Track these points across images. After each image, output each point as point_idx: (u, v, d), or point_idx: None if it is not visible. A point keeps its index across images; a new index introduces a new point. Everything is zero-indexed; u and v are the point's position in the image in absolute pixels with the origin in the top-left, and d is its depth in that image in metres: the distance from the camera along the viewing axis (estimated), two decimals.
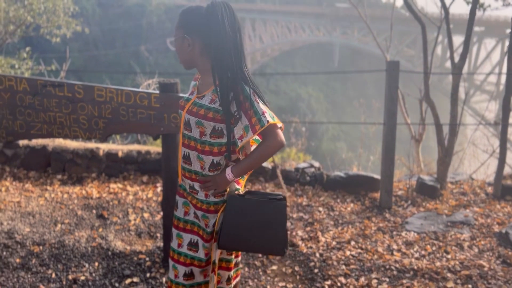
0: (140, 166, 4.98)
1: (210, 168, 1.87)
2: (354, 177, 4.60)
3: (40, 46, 22.38)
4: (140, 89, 3.18)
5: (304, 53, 60.86)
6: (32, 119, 3.33)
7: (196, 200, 1.95)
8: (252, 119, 1.73)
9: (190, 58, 1.87)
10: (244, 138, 1.76)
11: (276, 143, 1.76)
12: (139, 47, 54.61)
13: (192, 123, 1.84)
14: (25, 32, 9.54)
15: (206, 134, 1.83)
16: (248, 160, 1.82)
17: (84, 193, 4.52)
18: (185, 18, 1.85)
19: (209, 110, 1.80)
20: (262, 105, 1.76)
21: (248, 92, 1.75)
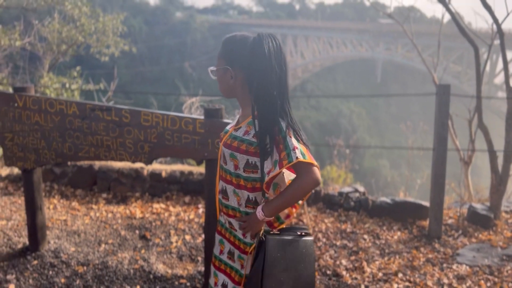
0: (182, 186, 5.01)
1: (247, 204, 1.79)
2: (401, 204, 4.43)
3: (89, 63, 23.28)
4: (185, 114, 3.19)
5: (346, 68, 60.38)
6: (80, 142, 3.41)
7: (233, 237, 1.88)
8: (281, 153, 1.65)
9: (232, 89, 1.82)
10: (271, 173, 1.67)
11: (310, 181, 1.64)
12: (183, 63, 55.89)
13: (226, 155, 1.79)
14: (76, 51, 9.93)
15: (240, 168, 1.76)
16: (279, 199, 1.71)
17: (128, 212, 4.57)
18: (229, 48, 1.78)
19: (242, 142, 1.74)
20: (295, 140, 1.66)
21: (284, 126, 1.67)
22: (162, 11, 60.59)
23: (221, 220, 1.97)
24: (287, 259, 1.72)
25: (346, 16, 65.05)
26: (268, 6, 72.12)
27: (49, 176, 5.15)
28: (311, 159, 1.65)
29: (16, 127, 3.54)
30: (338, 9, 69.59)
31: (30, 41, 9.60)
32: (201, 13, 66.31)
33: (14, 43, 8.27)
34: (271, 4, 72.42)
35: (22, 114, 3.50)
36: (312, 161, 1.65)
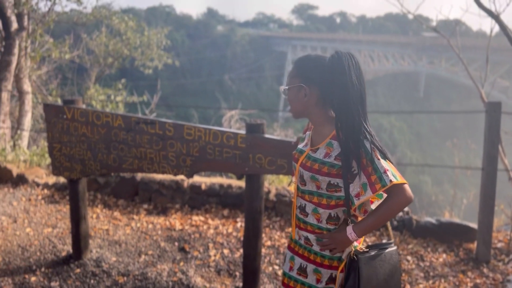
0: (221, 199, 5.02)
1: (328, 221, 1.77)
2: (447, 225, 4.25)
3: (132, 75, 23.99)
4: (227, 129, 3.20)
5: (388, 81, 59.41)
6: (124, 154, 3.48)
7: (308, 253, 1.84)
8: (371, 177, 1.62)
9: (304, 108, 1.78)
10: (361, 197, 1.65)
11: (404, 200, 1.63)
12: (223, 76, 56.69)
13: (306, 177, 1.77)
14: (121, 64, 10.24)
15: (323, 188, 1.74)
16: (372, 219, 1.68)
17: (167, 224, 4.62)
18: (303, 67, 1.76)
19: (324, 164, 1.72)
20: (384, 162, 1.63)
21: (368, 147, 1.64)
22: (204, 25, 61.87)
23: (295, 238, 1.92)
24: (380, 274, 1.73)
25: (388, 29, 64.20)
26: (309, 19, 72.21)
27: (93, 186, 5.29)
28: (402, 178, 1.63)
29: (64, 138, 3.66)
30: (380, 22, 68.80)
31: (78, 54, 9.99)
32: (242, 26, 67.24)
33: (64, 55, 8.62)
34: (312, 17, 72.48)
35: (70, 126, 3.61)
36: (403, 180, 1.62)
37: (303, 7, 73.82)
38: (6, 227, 4.43)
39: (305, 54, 1.82)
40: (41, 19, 7.91)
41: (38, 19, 7.97)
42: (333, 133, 1.73)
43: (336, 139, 1.72)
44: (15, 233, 4.31)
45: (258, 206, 3.22)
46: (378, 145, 1.66)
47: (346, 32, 63.55)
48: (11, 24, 7.18)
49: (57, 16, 8.53)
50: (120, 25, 9.16)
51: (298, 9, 74.06)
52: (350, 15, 73.47)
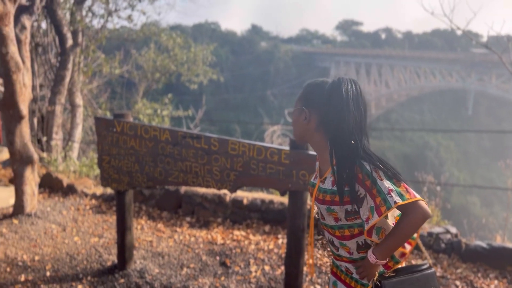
0: (263, 215, 5.01)
1: (359, 250, 1.73)
2: (499, 250, 4.05)
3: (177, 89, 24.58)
4: (271, 145, 3.21)
5: (434, 98, 57.88)
6: (170, 167, 3.55)
7: (350, 279, 1.81)
8: (376, 199, 1.57)
9: (304, 132, 1.78)
10: (370, 221, 1.60)
11: (418, 217, 1.56)
12: (265, 91, 57.09)
13: (323, 211, 1.75)
14: (168, 79, 10.53)
15: (341, 219, 1.70)
16: (389, 239, 1.63)
17: (209, 237, 4.65)
18: (306, 90, 1.77)
19: (334, 194, 1.68)
20: (388, 182, 1.58)
21: (369, 169, 1.60)
22: (248, 41, 62.74)
23: (335, 262, 1.89)
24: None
25: (435, 45, 62.74)
26: (353, 35, 71.78)
27: (138, 197, 5.42)
28: (412, 195, 1.57)
29: (113, 151, 3.78)
30: (426, 38, 67.38)
31: (127, 69, 10.36)
32: (285, 42, 67.66)
33: (114, 71, 8.97)
34: (356, 33, 72.02)
35: (119, 139, 3.73)
36: (415, 198, 1.57)
37: (347, 23, 73.54)
38: (56, 235, 4.60)
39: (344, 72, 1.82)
40: (94, 35, 8.28)
41: (91, 35, 8.35)
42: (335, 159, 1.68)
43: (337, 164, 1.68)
44: (64, 241, 4.46)
45: (301, 223, 3.19)
46: (381, 166, 1.62)
47: (391, 48, 62.62)
48: (67, 41, 7.56)
49: (109, 32, 8.91)
50: (168, 41, 9.46)
51: (342, 25, 73.83)
52: (395, 31, 72.45)
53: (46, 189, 5.97)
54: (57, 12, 7.25)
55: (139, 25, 12.31)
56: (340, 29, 74.07)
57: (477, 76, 49.78)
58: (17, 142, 4.77)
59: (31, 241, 4.44)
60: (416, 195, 1.58)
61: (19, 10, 4.80)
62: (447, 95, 56.39)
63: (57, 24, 7.39)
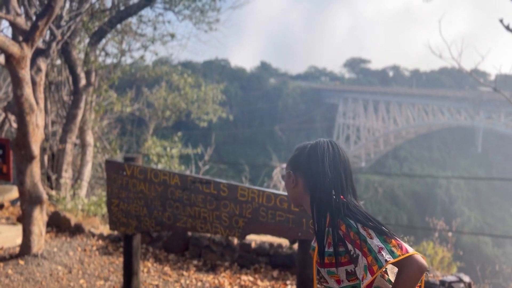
0: (271, 259, 4.93)
1: None
2: None
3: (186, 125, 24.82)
4: (281, 192, 3.19)
5: (443, 136, 57.77)
6: (179, 212, 3.54)
7: None
8: (368, 258, 1.58)
9: (295, 195, 1.82)
10: (364, 280, 1.59)
11: (414, 272, 1.55)
12: (274, 126, 57.39)
13: (324, 274, 1.74)
14: (178, 117, 10.65)
15: (343, 280, 1.69)
16: None
17: (216, 282, 4.57)
18: (294, 154, 1.83)
19: (331, 255, 1.68)
20: (377, 239, 1.59)
21: (356, 227, 1.61)
22: (257, 78, 63.61)
23: None
24: None
25: (443, 83, 63.11)
26: (361, 72, 72.52)
27: (145, 239, 5.37)
28: (404, 251, 1.57)
29: (123, 194, 3.78)
30: (434, 76, 67.86)
31: (138, 107, 10.50)
32: (294, 79, 68.45)
33: (125, 109, 9.10)
34: (364, 71, 72.78)
35: (129, 182, 3.74)
36: (407, 253, 1.56)
37: (355, 61, 74.49)
38: (62, 277, 4.55)
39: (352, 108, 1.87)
40: (107, 75, 8.46)
41: (104, 75, 8.53)
42: (328, 219, 1.69)
43: (330, 225, 1.68)
44: (70, 284, 4.41)
45: (310, 273, 3.11)
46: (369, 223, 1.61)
47: (399, 86, 63.08)
48: (80, 80, 7.72)
49: (121, 71, 9.10)
50: (179, 81, 9.64)
51: (350, 63, 74.77)
52: (403, 69, 73.13)
53: (54, 228, 5.94)
54: (72, 53, 7.45)
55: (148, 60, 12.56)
56: (348, 67, 74.99)
57: (486, 114, 49.74)
58: (27, 182, 4.79)
59: (36, 283, 4.39)
60: (409, 249, 1.58)
61: (35, 53, 4.93)
62: (456, 132, 56.27)
63: (71, 64, 7.57)
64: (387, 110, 57.58)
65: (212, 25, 9.02)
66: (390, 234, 1.62)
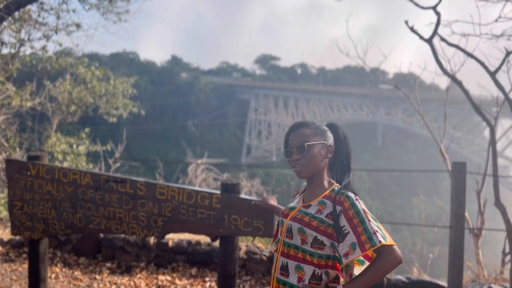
0: (189, 257, 4.84)
1: (311, 280, 1.79)
2: (418, 283, 4.25)
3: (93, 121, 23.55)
4: (202, 189, 3.13)
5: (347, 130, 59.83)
6: (92, 213, 3.33)
7: None
8: (361, 237, 1.70)
9: (322, 166, 1.90)
10: (349, 256, 1.71)
11: (393, 261, 1.69)
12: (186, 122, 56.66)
13: (294, 229, 1.83)
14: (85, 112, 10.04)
15: (307, 243, 1.79)
16: (363, 279, 1.71)
17: (132, 284, 4.39)
18: (321, 128, 1.93)
19: (314, 219, 1.80)
20: (375, 223, 1.73)
21: (359, 208, 1.75)
22: (168, 72, 62.27)
23: None
24: None
25: (347, 81, 66.75)
26: (271, 69, 74.15)
27: (52, 243, 5.00)
28: (391, 240, 1.71)
29: (27, 196, 3.47)
30: (339, 74, 71.52)
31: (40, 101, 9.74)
32: (206, 74, 68.07)
33: (25, 103, 8.37)
34: (274, 68, 74.51)
35: (34, 183, 3.44)
36: (393, 242, 1.71)
37: (265, 58, 75.96)
38: None
39: (263, 104, 1.98)
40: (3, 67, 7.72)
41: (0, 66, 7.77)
42: (326, 193, 1.86)
43: (328, 198, 1.84)
44: None
45: (232, 269, 3.11)
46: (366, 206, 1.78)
47: (306, 83, 65.51)
48: None
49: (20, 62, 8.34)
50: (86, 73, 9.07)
51: (261, 60, 76.11)
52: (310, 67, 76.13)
53: None
54: None
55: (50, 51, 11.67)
56: (259, 63, 76.28)
57: (385, 110, 53.47)
58: None
59: None
60: (393, 241, 1.73)
61: None
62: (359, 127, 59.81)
63: None
64: (296, 106, 59.57)
65: (121, 15, 8.60)
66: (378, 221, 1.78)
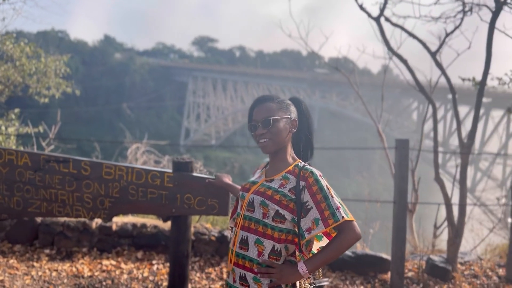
0: (134, 241, 4.69)
1: (271, 255, 1.78)
2: (363, 257, 4.40)
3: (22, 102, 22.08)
4: (153, 168, 3.01)
5: None
6: (31, 196, 3.10)
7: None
8: (324, 212, 1.72)
9: (287, 140, 1.89)
10: (312, 231, 1.73)
11: (353, 237, 1.73)
12: (121, 104, 54.77)
13: (256, 203, 1.81)
14: (13, 92, 9.35)
15: (269, 217, 1.77)
16: (323, 255, 1.74)
17: (74, 270, 4.17)
18: (286, 103, 1.91)
19: (277, 193, 1.79)
20: (337, 199, 1.75)
21: (322, 184, 1.76)
22: (101, 52, 59.65)
23: (228, 281, 1.89)
24: None
25: (284, 64, 67.51)
26: (209, 51, 73.26)
27: None
28: (351, 216, 1.75)
29: None
30: (276, 57, 72.13)
31: None
32: (141, 55, 65.98)
33: None
34: (212, 50, 73.66)
35: None
36: (353, 218, 1.74)
37: (203, 39, 74.84)
38: None
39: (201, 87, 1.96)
40: None
41: None
42: (289, 168, 1.86)
43: (292, 173, 1.83)
44: None
45: (185, 249, 3.04)
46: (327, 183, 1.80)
47: (245, 66, 65.49)
48: None
49: None
50: (14, 50, 8.40)
51: (198, 41, 74.88)
52: (249, 50, 76.11)
53: None
54: None
55: None
56: (196, 45, 75.06)
57: (321, 94, 54.85)
58: None
59: None
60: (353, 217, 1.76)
61: None
62: None
63: None
64: (235, 89, 59.46)
65: None
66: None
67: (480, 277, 4.34)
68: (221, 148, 56.21)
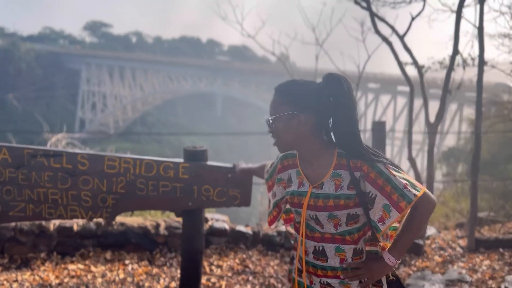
0: (100, 241, 4.26)
1: (354, 257, 1.62)
2: None
3: None
4: (165, 159, 2.72)
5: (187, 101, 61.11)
6: (12, 197, 2.64)
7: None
8: (392, 196, 1.54)
9: (296, 138, 1.62)
10: (387, 220, 1.56)
11: (430, 208, 1.58)
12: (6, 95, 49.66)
13: (322, 218, 1.61)
14: None
15: (342, 224, 1.60)
16: (406, 238, 1.61)
17: (38, 279, 3.67)
18: (293, 93, 1.62)
19: (339, 198, 1.58)
20: (400, 175, 1.56)
21: (379, 167, 1.56)
22: None
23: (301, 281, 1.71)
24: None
25: (184, 51, 66.28)
26: (103, 37, 69.03)
27: None
28: (421, 185, 1.58)
29: None
30: (175, 44, 70.47)
31: None
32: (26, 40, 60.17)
33: None
34: (106, 35, 69.50)
35: None
36: (423, 187, 1.57)
37: (96, 24, 70.21)
38: None
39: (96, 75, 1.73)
40: None
41: None
42: (335, 161, 1.61)
43: (341, 167, 1.61)
44: None
45: (199, 245, 2.82)
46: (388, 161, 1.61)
47: (143, 52, 63.12)
48: None
49: None
50: None
51: (90, 26, 70.08)
52: (146, 35, 73.16)
53: None
54: None
55: None
56: (88, 30, 70.22)
57: (223, 82, 55.01)
58: None
59: None
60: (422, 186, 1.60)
61: None
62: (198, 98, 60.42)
63: None
64: (133, 77, 57.14)
65: None
66: (400, 168, 1.60)
67: (446, 249, 4.66)
68: (121, 139, 53.75)
